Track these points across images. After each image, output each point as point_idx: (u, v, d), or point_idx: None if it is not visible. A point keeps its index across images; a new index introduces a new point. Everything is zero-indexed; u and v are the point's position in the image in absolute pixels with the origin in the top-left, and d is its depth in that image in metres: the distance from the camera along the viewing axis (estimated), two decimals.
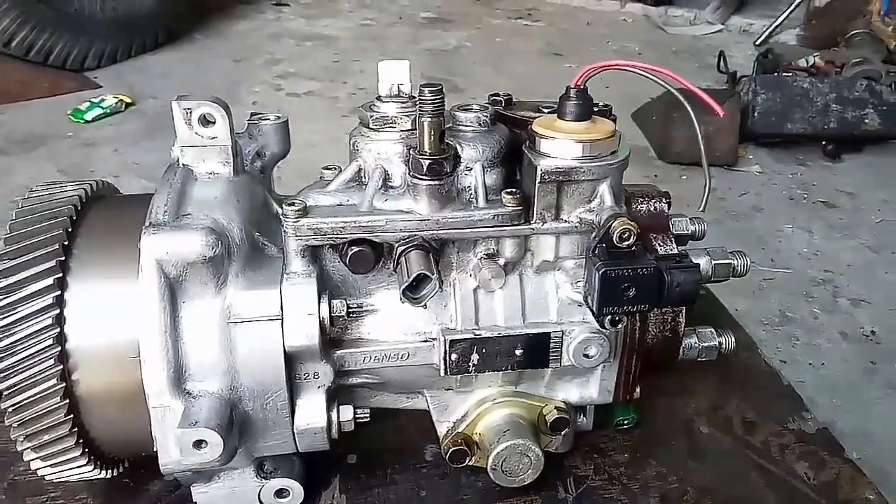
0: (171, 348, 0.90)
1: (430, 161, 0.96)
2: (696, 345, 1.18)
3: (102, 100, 4.27)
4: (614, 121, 1.06)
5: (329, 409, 1.03)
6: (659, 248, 1.10)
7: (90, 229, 0.99)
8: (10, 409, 0.91)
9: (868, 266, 3.35)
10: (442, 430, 1.17)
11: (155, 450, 0.93)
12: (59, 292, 0.92)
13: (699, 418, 1.38)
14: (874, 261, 3.36)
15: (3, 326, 0.90)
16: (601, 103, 1.12)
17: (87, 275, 0.95)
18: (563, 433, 1.16)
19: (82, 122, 4.12)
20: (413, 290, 0.93)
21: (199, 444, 0.87)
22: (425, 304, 0.97)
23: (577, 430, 1.23)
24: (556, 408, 1.15)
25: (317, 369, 1.01)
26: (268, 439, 1.01)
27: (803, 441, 1.34)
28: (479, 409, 1.14)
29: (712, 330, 1.21)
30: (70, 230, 0.97)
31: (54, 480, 1.02)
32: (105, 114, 4.17)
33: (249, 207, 1.03)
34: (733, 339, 1.22)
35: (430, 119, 0.95)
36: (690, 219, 1.20)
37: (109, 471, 1.03)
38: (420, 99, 0.95)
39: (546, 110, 1.14)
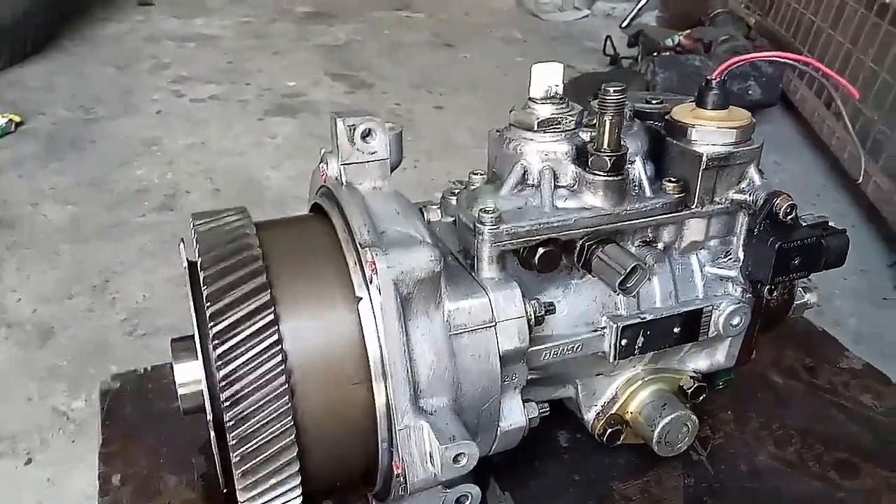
0: (409, 368, 0.89)
1: (613, 157, 1.01)
2: (796, 303, 1.32)
3: None
4: None
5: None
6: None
7: (275, 259, 0.94)
8: (238, 449, 0.86)
9: None
10: (590, 414, 1.23)
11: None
12: (277, 327, 0.88)
13: (770, 371, 1.53)
14: None
15: (231, 371, 0.84)
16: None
17: (294, 307, 0.91)
18: (700, 399, 1.25)
19: None
20: (624, 282, 0.98)
21: (457, 457, 0.87)
22: (637, 294, 1.01)
23: None
24: (691, 377, 1.24)
25: (516, 370, 1.03)
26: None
27: (857, 376, 1.53)
28: (629, 390, 1.21)
29: (801, 288, 1.35)
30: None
31: None
32: None
33: None
34: (816, 295, 1.36)
35: (612, 117, 0.99)
36: None
37: None
38: (603, 97, 0.99)
39: (655, 101, 1.22)
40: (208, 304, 0.86)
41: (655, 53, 5.06)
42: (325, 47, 5.80)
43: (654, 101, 1.21)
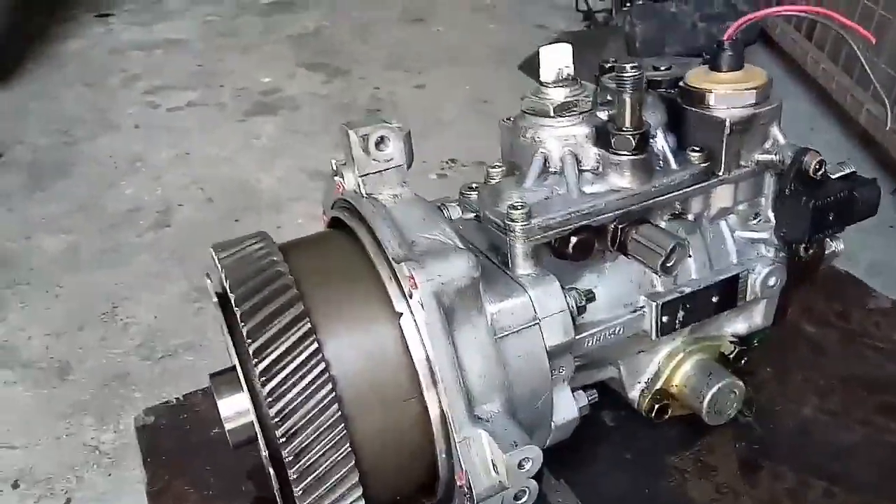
0: (461, 378, 0.87)
1: (637, 136, 0.98)
2: (826, 253, 1.30)
3: None
4: None
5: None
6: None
7: (307, 284, 0.92)
8: (301, 483, 0.85)
9: None
10: (634, 392, 1.22)
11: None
12: (321, 355, 0.85)
13: (801, 321, 1.52)
14: None
15: (283, 406, 0.83)
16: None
17: (335, 331, 0.89)
18: (742, 362, 1.24)
19: None
20: (665, 262, 0.96)
21: (522, 463, 0.86)
22: (677, 273, 1.00)
23: None
24: (731, 342, 1.23)
25: (563, 363, 1.01)
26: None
27: (887, 315, 1.52)
28: (671, 363, 1.19)
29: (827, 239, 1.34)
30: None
31: None
32: None
33: None
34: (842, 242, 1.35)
35: (631, 94, 0.97)
36: None
37: None
38: (621, 75, 0.96)
39: (663, 67, 1.19)
40: (249, 340, 0.84)
41: (629, 3, 5.00)
42: (295, 37, 5.69)
43: (662, 68, 1.18)
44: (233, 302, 0.87)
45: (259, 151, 3.91)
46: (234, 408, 0.96)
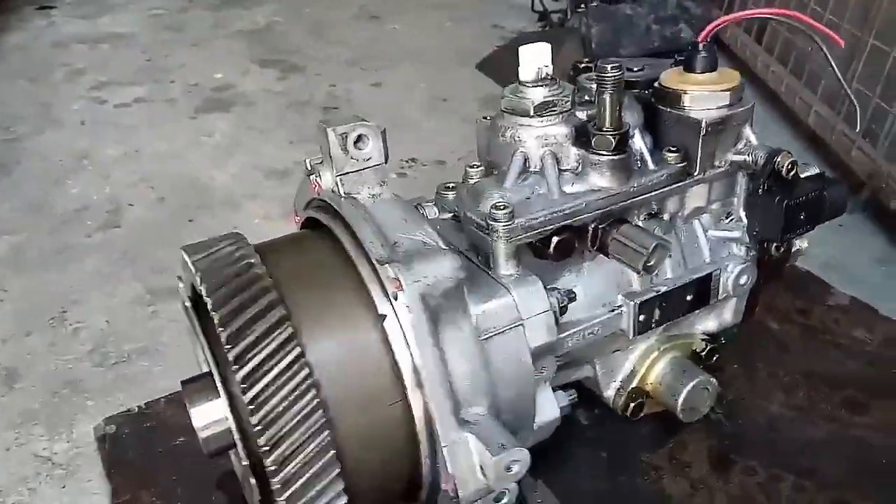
0: (447, 382, 0.86)
1: (617, 136, 0.98)
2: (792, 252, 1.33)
3: None
4: None
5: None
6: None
7: (286, 287, 0.89)
8: (284, 493, 0.82)
9: None
10: (610, 391, 1.22)
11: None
12: (304, 359, 0.83)
13: (765, 317, 1.55)
14: None
15: (265, 413, 0.80)
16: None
17: (317, 336, 0.87)
18: (714, 360, 1.26)
19: None
20: (647, 261, 0.96)
21: (510, 466, 0.85)
22: (657, 272, 1.00)
23: None
24: (702, 340, 1.24)
25: (545, 363, 1.01)
26: None
27: (846, 312, 1.57)
28: (646, 362, 1.21)
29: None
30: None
31: None
32: None
33: None
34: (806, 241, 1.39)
35: (611, 95, 0.97)
36: None
37: None
38: (602, 75, 0.96)
39: (636, 69, 1.20)
40: (229, 346, 0.81)
41: (584, 4, 5.06)
42: (246, 33, 5.57)
43: (635, 69, 1.19)
44: (210, 306, 0.83)
45: (212, 149, 3.81)
46: (210, 416, 0.93)
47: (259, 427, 0.80)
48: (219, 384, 0.86)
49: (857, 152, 2.81)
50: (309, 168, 1.05)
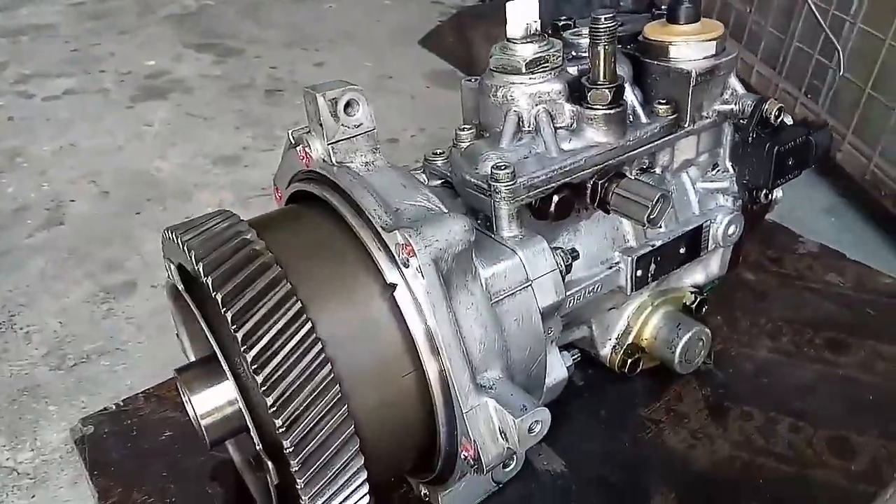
0: (463, 348, 0.84)
1: (613, 88, 0.97)
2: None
3: None
4: None
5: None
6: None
7: (288, 262, 0.85)
8: (305, 474, 0.79)
9: None
10: (606, 349, 1.23)
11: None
12: (315, 335, 0.79)
13: (741, 269, 1.58)
14: None
15: (281, 393, 0.76)
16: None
17: (327, 309, 0.83)
18: (703, 311, 1.27)
19: None
20: (650, 213, 0.95)
21: (532, 427, 0.84)
22: (662, 224, 0.99)
23: None
24: (691, 293, 1.25)
25: (552, 324, 0.99)
26: None
27: (817, 258, 1.61)
28: (641, 318, 1.21)
29: None
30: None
31: None
32: None
33: None
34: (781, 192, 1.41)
35: (606, 47, 0.95)
36: None
37: None
38: (595, 28, 0.94)
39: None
40: (235, 326, 0.77)
41: None
42: (177, 17, 5.36)
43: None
44: (209, 286, 0.78)
45: (153, 138, 3.66)
46: (213, 402, 0.89)
47: (275, 407, 0.76)
48: (226, 367, 0.81)
49: (801, 108, 2.89)
50: (293, 140, 1.00)
